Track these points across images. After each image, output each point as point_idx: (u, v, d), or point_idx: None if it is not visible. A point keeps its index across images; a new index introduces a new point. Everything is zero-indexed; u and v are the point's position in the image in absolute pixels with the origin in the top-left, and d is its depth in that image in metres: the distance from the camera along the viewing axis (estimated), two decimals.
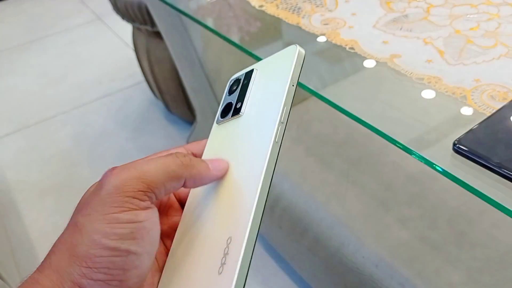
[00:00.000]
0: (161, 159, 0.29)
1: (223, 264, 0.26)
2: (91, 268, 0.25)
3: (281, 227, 0.85)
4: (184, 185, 0.29)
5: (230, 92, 0.36)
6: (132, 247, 0.26)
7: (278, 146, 0.29)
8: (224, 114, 0.35)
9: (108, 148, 1.54)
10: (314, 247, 0.79)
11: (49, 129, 1.69)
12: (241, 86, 0.35)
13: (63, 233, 0.28)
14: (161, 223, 0.30)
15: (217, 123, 0.35)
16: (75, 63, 2.05)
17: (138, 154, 1.48)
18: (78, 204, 0.29)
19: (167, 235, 0.33)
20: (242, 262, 0.26)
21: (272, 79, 0.33)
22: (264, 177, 0.28)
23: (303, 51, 0.33)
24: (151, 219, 0.27)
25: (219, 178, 0.31)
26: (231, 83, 0.36)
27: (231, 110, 0.34)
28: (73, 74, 1.98)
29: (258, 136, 0.30)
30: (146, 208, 0.27)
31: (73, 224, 0.27)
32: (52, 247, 0.27)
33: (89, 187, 0.30)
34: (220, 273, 0.26)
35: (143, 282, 0.28)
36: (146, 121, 1.63)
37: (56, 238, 0.28)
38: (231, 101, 0.35)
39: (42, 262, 0.27)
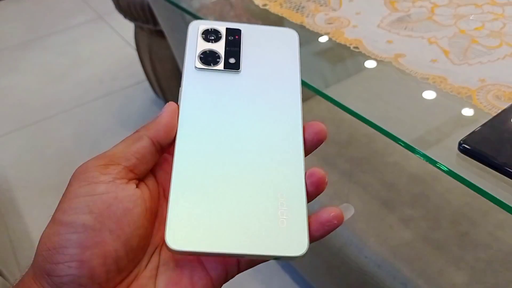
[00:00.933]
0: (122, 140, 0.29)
1: (283, 218, 0.28)
2: (50, 250, 0.25)
3: None
4: (155, 141, 0.29)
5: (207, 39, 0.34)
6: (89, 221, 0.25)
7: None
8: (207, 61, 0.33)
9: (109, 147, 1.54)
10: (316, 247, 0.78)
11: (50, 127, 1.69)
12: (227, 40, 0.34)
13: None
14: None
15: (196, 67, 0.33)
16: (76, 62, 2.05)
17: None
18: None
19: None
20: (307, 217, 0.28)
21: (275, 52, 0.34)
22: (302, 129, 0.31)
23: (299, 38, 0.35)
24: (112, 193, 0.26)
25: (172, 114, 0.30)
26: (202, 30, 0.35)
27: (220, 61, 0.33)
28: (75, 72, 1.98)
29: (282, 97, 0.32)
30: (107, 182, 0.26)
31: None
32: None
33: None
34: (283, 226, 0.27)
35: (118, 267, 0.26)
36: (148, 120, 1.62)
37: (39, 240, 0.27)
38: (212, 49, 0.34)
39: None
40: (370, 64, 0.54)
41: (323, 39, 0.59)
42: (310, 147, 0.31)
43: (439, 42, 0.55)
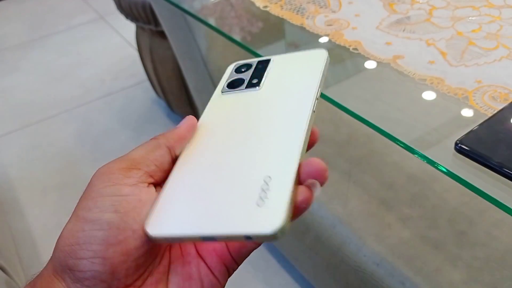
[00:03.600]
0: (140, 145, 0.30)
1: (263, 198, 0.27)
2: (73, 245, 0.25)
3: None
4: (171, 150, 0.31)
5: (238, 71, 0.38)
6: (113, 219, 0.26)
7: (313, 117, 0.32)
8: (232, 86, 0.37)
9: (111, 147, 1.55)
10: (315, 246, 0.79)
11: (52, 127, 1.70)
12: (255, 68, 0.37)
13: None
14: None
15: (222, 91, 0.37)
16: (78, 62, 2.06)
17: None
18: None
19: None
20: (290, 201, 0.26)
21: (299, 72, 0.35)
22: (307, 123, 0.31)
23: (328, 57, 0.36)
24: (137, 196, 0.27)
25: (191, 127, 0.33)
26: (237, 66, 0.39)
27: (244, 84, 0.36)
28: (76, 72, 1.99)
29: (291, 109, 0.33)
30: (132, 184, 0.27)
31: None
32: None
33: None
34: (259, 206, 0.27)
35: (137, 266, 0.27)
36: (149, 120, 1.63)
37: (59, 235, 0.28)
38: (241, 77, 0.37)
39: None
40: (369, 65, 0.55)
41: (323, 40, 0.60)
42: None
43: (437, 44, 0.55)
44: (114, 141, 1.57)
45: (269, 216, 0.26)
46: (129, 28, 1.92)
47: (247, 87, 0.36)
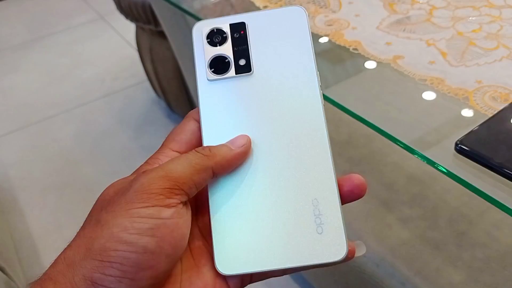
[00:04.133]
0: (183, 156, 0.28)
1: (320, 224, 0.28)
2: (104, 261, 0.25)
3: None
4: (215, 175, 0.29)
5: (213, 43, 0.33)
6: (150, 244, 0.25)
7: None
8: (217, 69, 0.32)
9: (110, 147, 1.55)
10: None
11: (51, 127, 1.70)
12: (233, 39, 0.33)
13: (83, 228, 0.27)
14: (198, 220, 0.30)
15: (208, 79, 0.32)
16: (77, 62, 2.06)
17: (140, 153, 1.48)
18: (100, 200, 0.28)
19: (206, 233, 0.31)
20: (343, 220, 0.28)
21: (286, 38, 0.32)
22: (327, 134, 0.30)
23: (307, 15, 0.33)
24: (175, 219, 0.26)
25: (246, 154, 0.30)
26: (207, 33, 0.33)
27: (230, 66, 0.32)
28: (76, 73, 1.99)
29: (301, 95, 0.31)
30: (172, 206, 0.26)
31: (96, 220, 0.26)
32: (70, 242, 0.27)
33: (91, 185, 0.29)
34: (320, 233, 0.28)
35: (160, 284, 0.27)
36: (149, 121, 1.63)
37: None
38: (220, 54, 0.33)
39: (57, 257, 0.26)
40: (369, 65, 0.55)
41: (323, 40, 0.60)
42: (348, 198, 0.30)
43: (437, 44, 0.55)
44: (114, 141, 1.57)
45: (334, 243, 0.28)
46: (129, 28, 1.92)
47: (237, 72, 0.32)
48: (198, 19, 0.73)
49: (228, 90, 0.32)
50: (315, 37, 0.61)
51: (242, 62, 0.32)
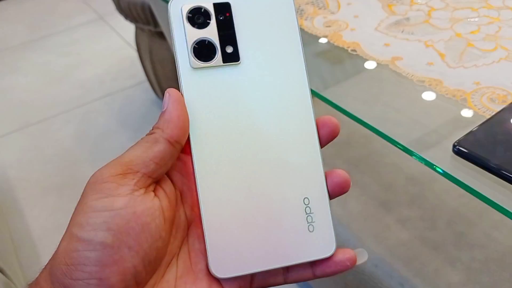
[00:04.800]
0: (136, 142, 0.28)
1: (311, 222, 0.29)
2: (69, 265, 0.24)
3: None
4: (174, 142, 0.27)
5: (195, 24, 0.29)
6: (107, 239, 0.24)
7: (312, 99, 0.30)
8: (202, 56, 0.29)
9: (110, 147, 1.55)
10: None
11: (51, 128, 1.70)
12: (218, 21, 0.29)
13: None
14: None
15: (192, 66, 0.29)
16: (77, 62, 2.06)
17: None
18: None
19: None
20: (331, 217, 0.29)
21: (271, 25, 0.30)
22: (317, 133, 0.30)
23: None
24: (132, 208, 0.25)
25: (180, 104, 0.28)
26: (188, 11, 0.29)
27: (216, 54, 0.29)
28: (75, 73, 1.99)
29: (288, 87, 0.30)
30: (125, 195, 0.25)
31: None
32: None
33: None
34: (311, 231, 0.29)
35: (137, 282, 0.25)
36: (148, 121, 1.63)
37: (58, 236, 0.26)
38: (204, 38, 0.29)
39: (46, 263, 0.26)
40: (367, 66, 0.55)
41: (321, 41, 0.60)
42: (323, 141, 0.30)
43: (435, 45, 0.55)
44: (113, 141, 1.57)
45: (324, 240, 0.29)
46: (128, 29, 1.92)
47: (224, 60, 0.29)
48: None
49: (214, 81, 0.29)
50: (314, 38, 0.61)
51: (229, 49, 0.29)
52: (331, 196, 0.30)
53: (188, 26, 0.29)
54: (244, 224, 0.28)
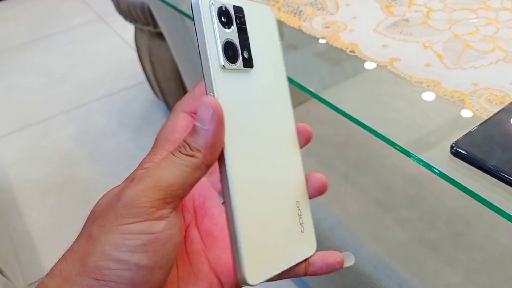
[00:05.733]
0: (170, 161, 0.26)
1: (302, 224, 0.30)
2: (98, 280, 0.24)
3: None
4: (208, 166, 0.26)
5: (223, 23, 0.28)
6: (143, 261, 0.24)
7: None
8: (229, 57, 0.28)
9: (110, 148, 1.55)
10: None
11: (51, 128, 1.70)
12: (237, 24, 0.29)
13: (76, 241, 0.26)
14: (198, 222, 0.31)
15: (224, 67, 0.28)
16: (77, 63, 2.06)
17: (139, 154, 1.48)
18: (93, 212, 0.27)
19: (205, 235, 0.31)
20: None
21: (265, 35, 0.31)
22: (297, 140, 0.32)
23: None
24: (167, 230, 0.25)
25: (220, 120, 0.26)
26: (218, 9, 0.28)
27: (239, 57, 0.29)
28: (75, 73, 1.99)
29: (279, 97, 0.31)
30: (164, 218, 0.25)
31: (88, 234, 0.26)
32: (64, 254, 0.26)
33: (91, 186, 0.29)
34: (302, 232, 0.30)
35: None
36: (148, 121, 1.63)
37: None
38: (230, 39, 0.28)
39: (53, 267, 0.26)
40: (365, 68, 0.55)
41: (320, 42, 0.60)
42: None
43: (433, 47, 0.55)
44: (113, 142, 1.57)
45: (308, 240, 0.31)
46: (128, 29, 1.93)
47: (244, 65, 0.29)
48: None
49: (237, 84, 0.28)
50: (312, 39, 0.61)
51: (245, 54, 0.29)
52: (310, 198, 0.32)
53: (218, 24, 0.28)
54: (266, 229, 0.29)
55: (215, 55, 0.27)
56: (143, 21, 1.25)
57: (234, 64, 0.28)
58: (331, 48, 0.59)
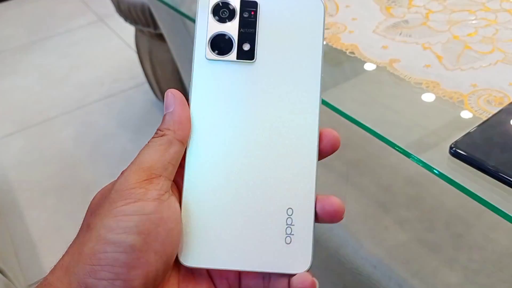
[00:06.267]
0: (146, 146, 0.29)
1: (289, 234, 0.28)
2: (95, 265, 0.25)
3: None
4: (182, 142, 0.28)
5: (219, 18, 0.30)
6: (137, 242, 0.25)
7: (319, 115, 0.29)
8: (219, 49, 0.29)
9: (110, 149, 1.55)
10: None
11: (51, 129, 1.70)
12: (241, 19, 0.30)
13: (77, 235, 0.27)
14: None
15: (207, 58, 0.29)
16: (77, 64, 2.06)
17: None
18: (90, 206, 0.28)
19: None
20: (314, 235, 0.28)
21: (298, 31, 0.29)
22: (317, 147, 0.29)
23: (325, 11, 0.30)
24: (160, 213, 0.26)
25: (183, 103, 0.29)
26: (214, 4, 0.30)
27: (233, 49, 0.29)
28: (75, 75, 1.99)
29: (299, 96, 0.29)
30: (155, 199, 0.26)
31: (86, 225, 0.27)
32: (67, 249, 0.27)
33: (91, 187, 0.30)
34: (288, 243, 0.27)
35: (154, 284, 0.26)
36: (148, 123, 1.64)
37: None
38: (224, 33, 0.30)
39: (56, 263, 0.26)
40: (365, 69, 0.55)
41: None
42: (323, 154, 0.30)
43: (433, 48, 0.56)
44: (113, 143, 1.58)
45: (298, 256, 0.27)
46: (128, 31, 1.93)
47: (238, 57, 0.29)
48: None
49: (224, 75, 0.29)
50: None
51: (246, 47, 0.29)
52: (319, 220, 0.29)
53: (211, 18, 0.30)
54: (223, 220, 0.28)
55: (201, 48, 0.29)
56: (144, 22, 1.25)
57: (222, 56, 0.29)
58: (330, 49, 0.59)
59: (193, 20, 0.74)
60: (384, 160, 0.80)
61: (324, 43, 0.30)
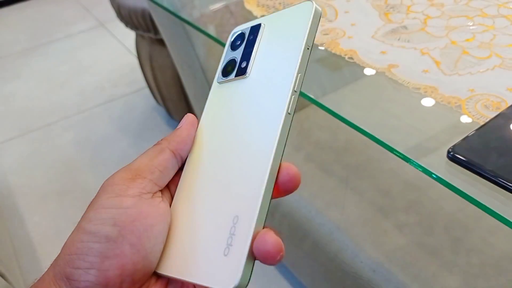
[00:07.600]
0: (144, 152, 0.30)
1: (229, 245, 0.25)
2: (72, 255, 0.26)
3: (281, 233, 0.86)
4: (177, 154, 0.30)
5: (233, 47, 0.33)
6: (112, 233, 0.26)
7: (291, 118, 0.27)
8: (226, 72, 0.32)
9: (110, 154, 1.56)
10: (313, 252, 0.80)
11: (51, 134, 1.70)
12: (246, 42, 0.32)
13: None
14: None
15: (218, 81, 0.32)
16: (78, 69, 2.07)
17: None
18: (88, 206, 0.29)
19: None
20: (249, 249, 0.24)
21: (284, 39, 0.30)
22: (275, 154, 0.26)
23: (319, 9, 0.29)
24: (138, 208, 0.27)
25: (191, 125, 0.32)
26: (234, 37, 0.33)
27: (235, 69, 0.31)
28: (76, 79, 2.00)
29: (269, 104, 0.28)
30: (135, 196, 0.27)
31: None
32: None
33: (91, 192, 0.30)
34: (226, 255, 0.25)
35: (133, 279, 0.26)
36: (148, 127, 1.64)
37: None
38: (234, 57, 0.32)
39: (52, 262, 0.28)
40: (364, 74, 0.56)
41: (319, 49, 0.61)
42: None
43: (431, 53, 0.56)
44: (113, 148, 1.58)
45: (229, 271, 0.24)
46: (129, 36, 1.94)
47: (236, 74, 0.31)
48: (197, 27, 0.74)
49: (225, 93, 0.31)
50: None
51: (243, 64, 0.31)
52: (283, 191, 0.27)
53: (228, 48, 0.33)
54: (182, 228, 0.28)
55: (217, 75, 0.33)
56: (144, 27, 1.26)
57: (226, 78, 0.32)
58: (330, 55, 0.60)
59: (193, 25, 0.75)
60: (383, 164, 0.81)
61: (323, 48, 0.31)
